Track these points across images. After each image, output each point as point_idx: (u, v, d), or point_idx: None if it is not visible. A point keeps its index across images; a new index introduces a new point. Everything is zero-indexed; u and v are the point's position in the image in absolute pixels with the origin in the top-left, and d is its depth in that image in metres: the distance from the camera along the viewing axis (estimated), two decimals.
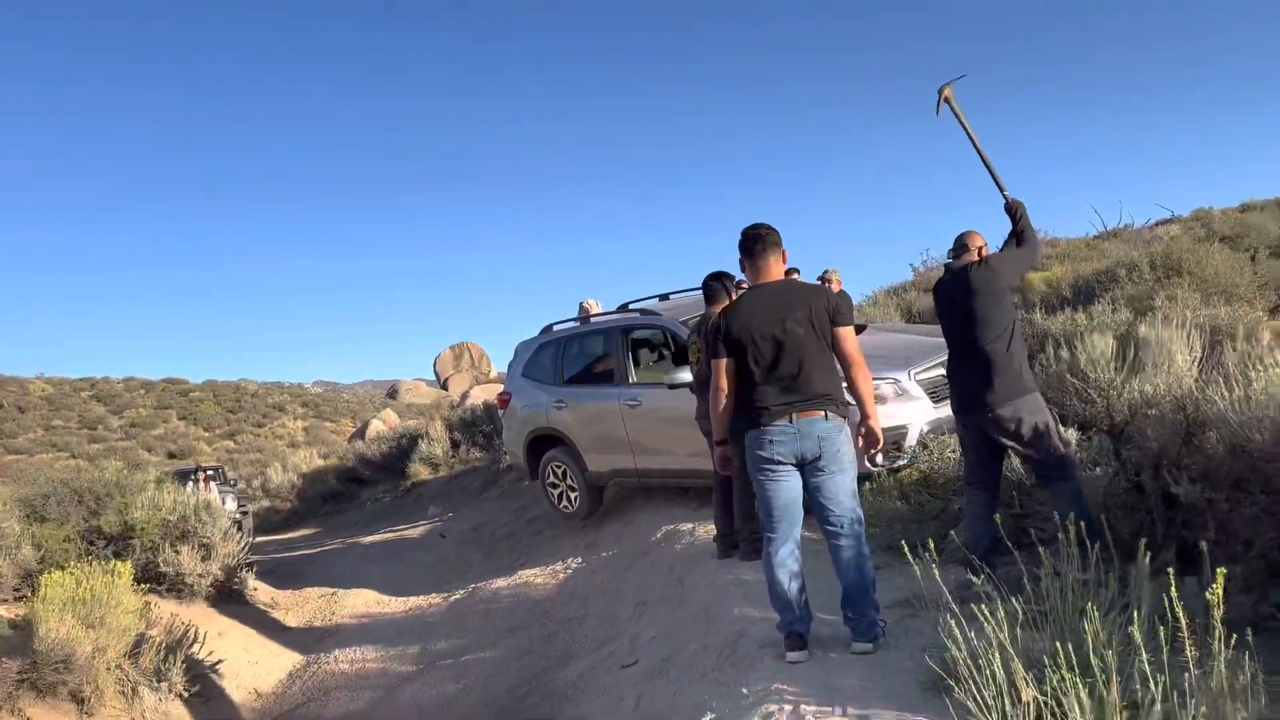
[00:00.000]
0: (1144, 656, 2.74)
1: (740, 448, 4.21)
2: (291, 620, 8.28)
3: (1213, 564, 2.84)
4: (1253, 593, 3.93)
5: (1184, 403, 4.44)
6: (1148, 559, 3.29)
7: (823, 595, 4.23)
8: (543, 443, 8.72)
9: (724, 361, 4.05)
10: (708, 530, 6.49)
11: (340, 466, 21.29)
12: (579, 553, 7.68)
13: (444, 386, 52.53)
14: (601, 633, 5.59)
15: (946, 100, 5.20)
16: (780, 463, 3.97)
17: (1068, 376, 5.00)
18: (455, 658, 6.26)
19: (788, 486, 4.00)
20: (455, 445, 17.27)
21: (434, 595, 8.22)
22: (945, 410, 6.47)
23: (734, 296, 5.58)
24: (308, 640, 7.71)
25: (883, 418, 6.23)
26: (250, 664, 6.97)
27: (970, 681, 2.92)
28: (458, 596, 7.87)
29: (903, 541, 3.77)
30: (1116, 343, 4.90)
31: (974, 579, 3.39)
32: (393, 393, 61.32)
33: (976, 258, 4.60)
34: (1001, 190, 4.96)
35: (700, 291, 6.41)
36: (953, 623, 3.09)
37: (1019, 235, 4.75)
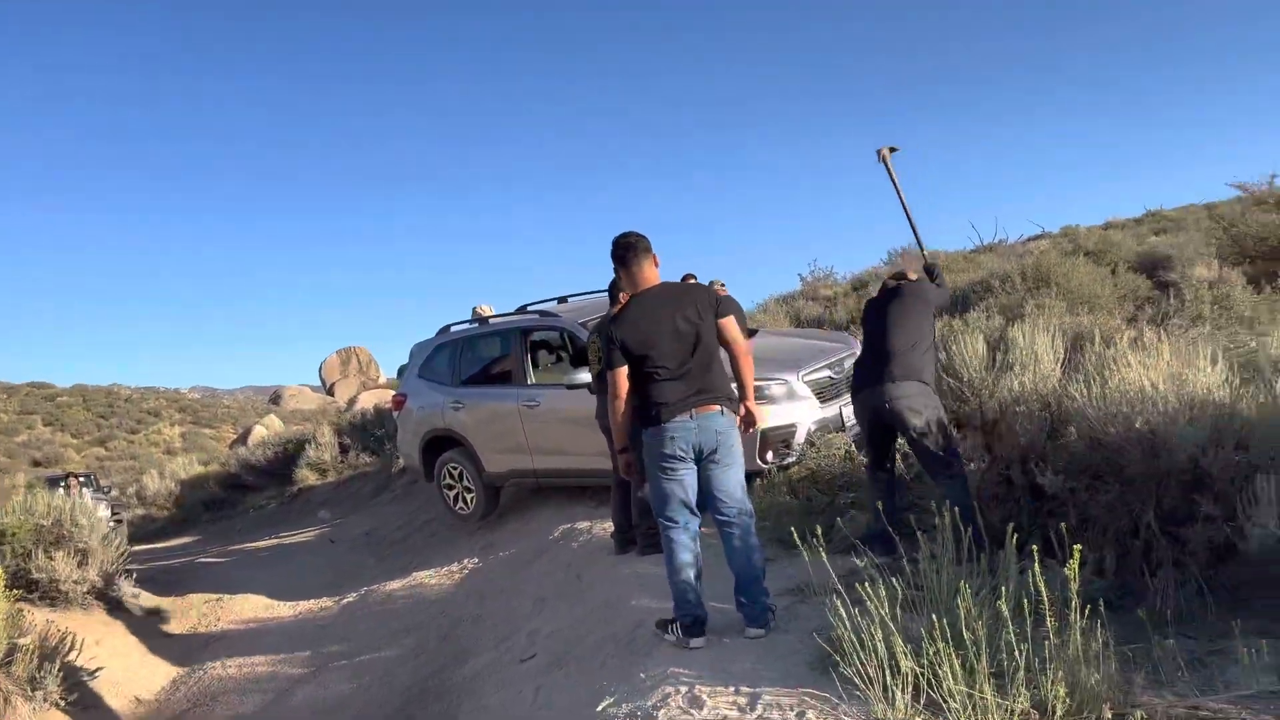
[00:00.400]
0: (1010, 629, 2.98)
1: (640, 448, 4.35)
2: (174, 627, 8.01)
3: (1072, 547, 3.11)
4: (1105, 572, 4.29)
5: (1048, 400, 4.78)
6: (1015, 542, 3.57)
7: (718, 584, 4.38)
8: (439, 444, 8.68)
9: (621, 370, 4.16)
10: (605, 528, 6.60)
11: (223, 473, 20.58)
12: (476, 553, 7.68)
13: (330, 392, 51.19)
14: (500, 629, 5.63)
15: (883, 160, 5.94)
16: (680, 458, 4.13)
17: (944, 377, 5.31)
18: (349, 659, 6.19)
19: (688, 480, 4.16)
20: (344, 450, 16.94)
21: (325, 599, 8.08)
22: (832, 410, 6.78)
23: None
24: (192, 647, 7.48)
25: (773, 417, 6.57)
26: (130, 671, 6.72)
27: (855, 656, 3.12)
28: (350, 599, 7.77)
29: (793, 530, 3.97)
30: (988, 346, 5.23)
31: (858, 561, 3.61)
32: (276, 398, 59.38)
33: (914, 277, 5.05)
34: (921, 247, 5.83)
35: (603, 294, 6.54)
36: (839, 603, 3.29)
37: (938, 284, 5.34)
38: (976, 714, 2.86)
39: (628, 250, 4.21)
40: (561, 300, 8.90)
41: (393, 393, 11.19)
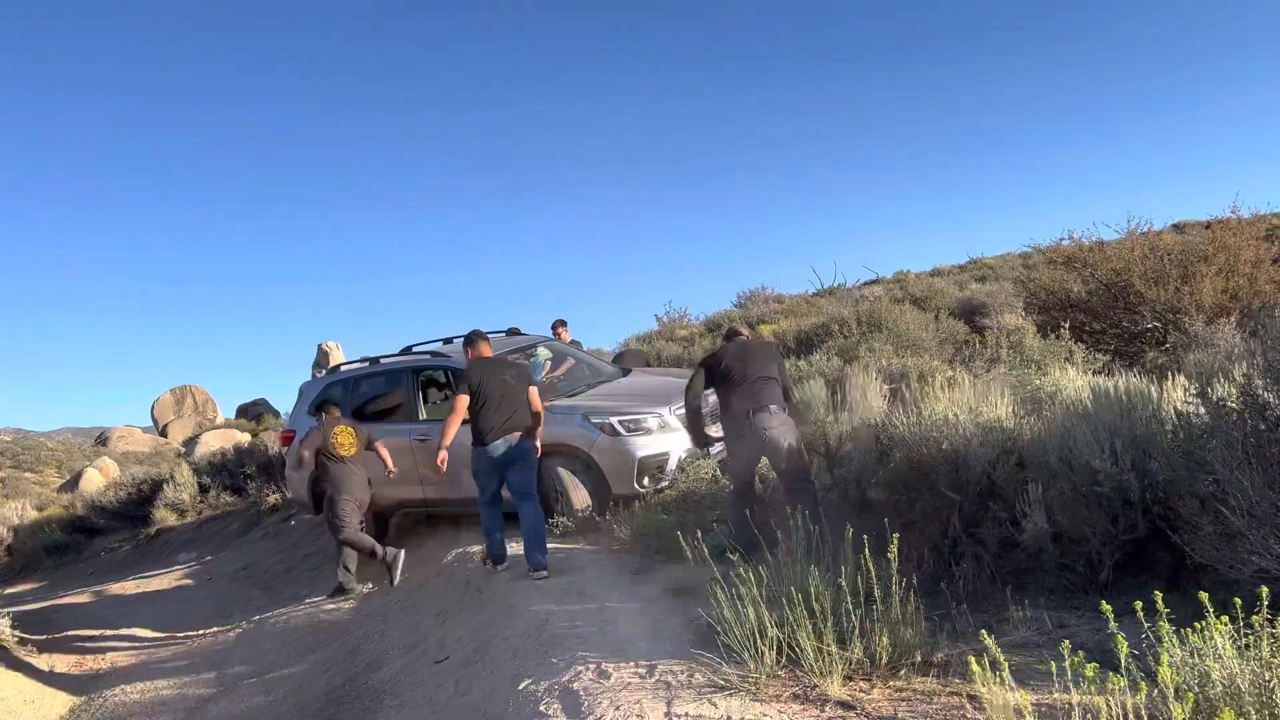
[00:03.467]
0: (848, 601, 3.93)
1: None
2: (60, 664, 8.08)
3: (892, 540, 4.10)
4: (923, 564, 5.34)
5: (877, 431, 5.85)
6: (851, 537, 4.54)
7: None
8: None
9: (464, 398, 6.68)
10: None
11: (65, 516, 19.78)
12: (369, 580, 8.16)
13: (163, 433, 48.77)
14: (408, 640, 6.21)
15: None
16: (499, 465, 6.64)
17: (797, 410, 6.31)
18: (258, 677, 6.58)
19: (500, 478, 6.71)
20: (204, 490, 16.76)
21: (216, 628, 8.35)
22: None
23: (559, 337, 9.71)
24: (84, 679, 7.62)
25: (648, 446, 7.48)
26: (27, 703, 6.86)
27: (733, 628, 3.99)
28: (245, 628, 8.08)
29: (679, 536, 4.82)
30: (828, 385, 6.29)
31: (732, 557, 4.49)
32: (103, 440, 56.05)
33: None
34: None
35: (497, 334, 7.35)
36: (717, 590, 4.15)
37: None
38: (823, 662, 3.77)
39: (469, 343, 7.11)
40: (447, 341, 9.54)
41: (234, 434, 11.46)
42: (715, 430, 6.39)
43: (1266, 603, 3.00)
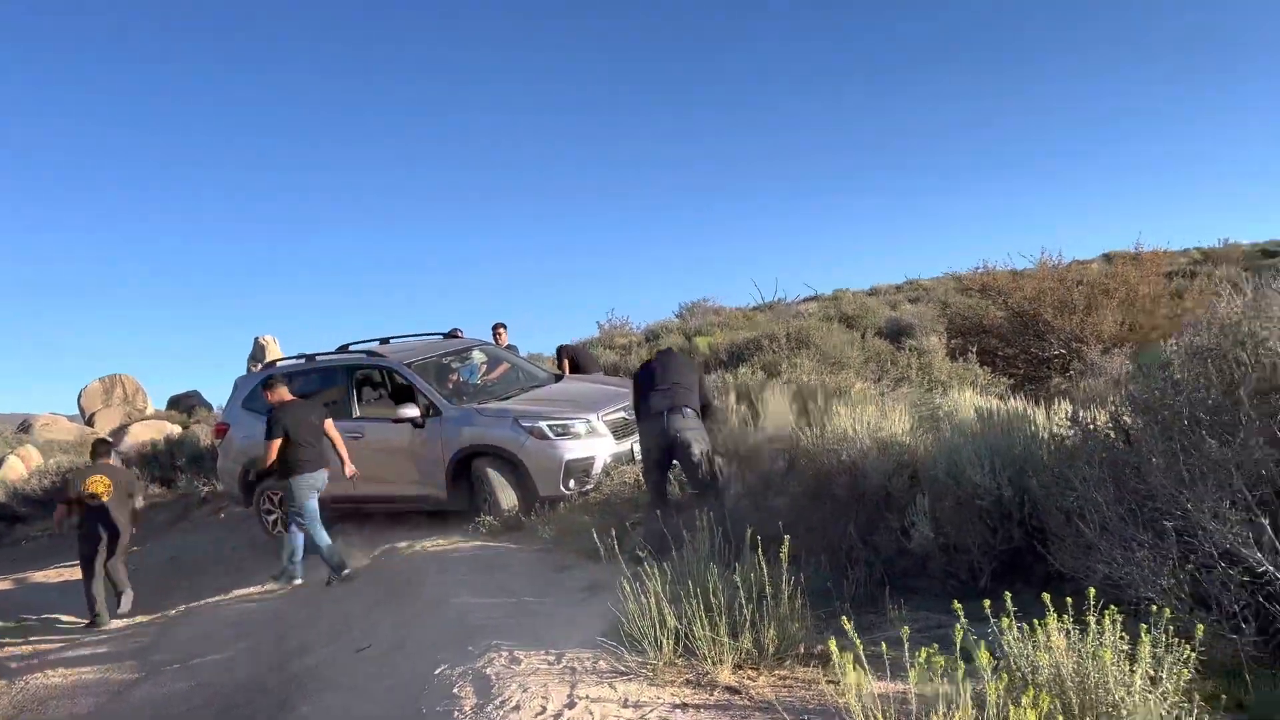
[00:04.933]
0: (742, 596, 4.29)
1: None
2: None
3: (801, 549, 4.47)
4: (821, 567, 5.73)
5: (787, 441, 6.24)
6: (750, 538, 4.90)
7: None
8: (259, 472, 9.26)
9: (277, 441, 7.67)
10: (425, 547, 7.53)
11: None
12: (300, 573, 8.31)
13: (89, 422, 47.61)
14: (336, 629, 6.42)
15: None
16: (315, 491, 7.70)
17: (714, 420, 6.69)
18: (183, 663, 6.72)
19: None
20: None
21: (142, 616, 8.45)
22: (625, 445, 8.06)
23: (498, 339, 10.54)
24: (4, 664, 7.67)
25: (576, 450, 7.80)
26: None
27: (637, 619, 4.32)
28: (173, 614, 8.20)
29: (594, 536, 5.14)
30: (743, 398, 6.68)
31: (640, 555, 4.83)
32: (25, 427, 54.51)
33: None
34: None
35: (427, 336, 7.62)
36: (626, 585, 4.48)
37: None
38: (716, 651, 4.12)
39: (267, 387, 8.04)
40: (384, 341, 9.76)
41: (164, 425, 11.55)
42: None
43: (1098, 604, 3.43)
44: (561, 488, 7.66)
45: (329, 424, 8.06)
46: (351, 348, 9.60)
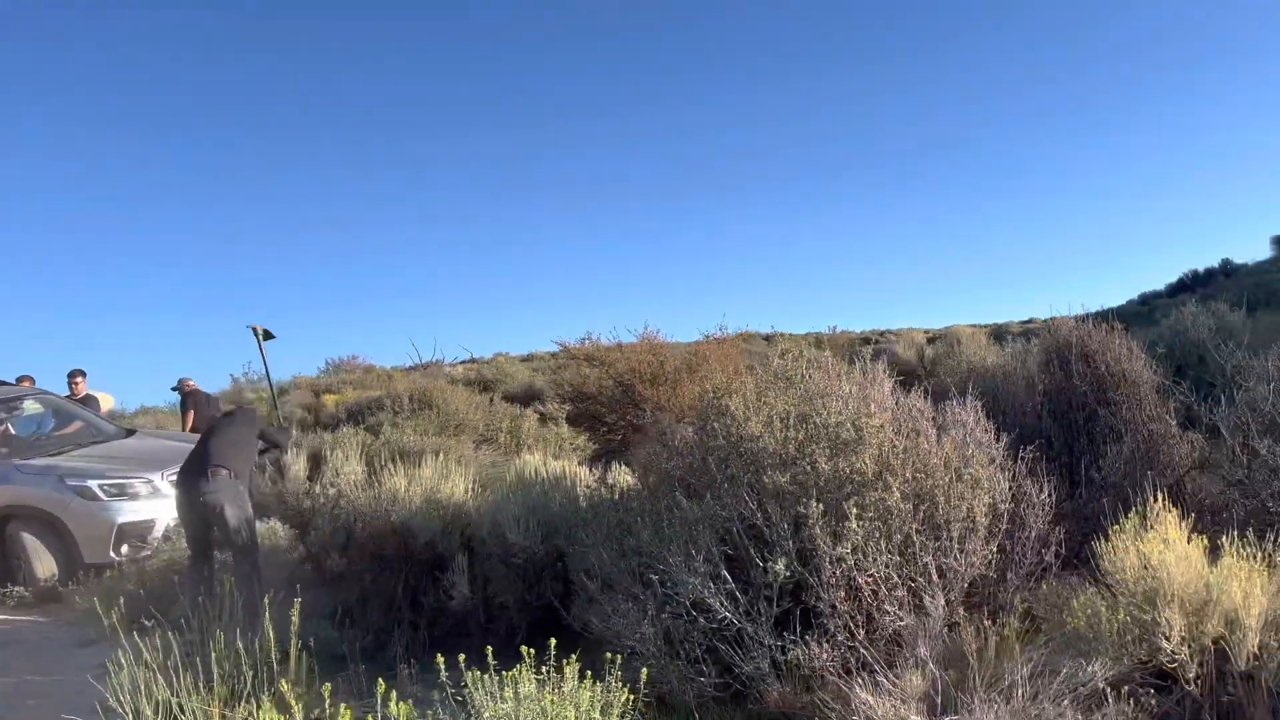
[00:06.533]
0: (244, 663, 4.20)
1: None
2: None
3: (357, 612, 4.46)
4: (373, 628, 5.75)
5: (345, 503, 6.23)
6: (297, 608, 4.81)
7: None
8: None
9: None
10: None
11: None
12: None
13: None
14: None
15: (254, 332, 7.81)
16: None
17: (276, 480, 6.53)
18: None
19: None
20: None
21: None
22: None
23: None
24: None
25: (134, 513, 7.23)
26: None
27: (124, 692, 4.08)
28: None
29: (96, 604, 4.80)
30: (312, 458, 6.59)
31: (148, 623, 4.58)
32: None
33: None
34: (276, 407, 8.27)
35: None
36: (121, 656, 4.22)
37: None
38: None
39: None
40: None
41: None
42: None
43: (610, 655, 3.77)
44: (113, 554, 7.03)
45: None
46: None
